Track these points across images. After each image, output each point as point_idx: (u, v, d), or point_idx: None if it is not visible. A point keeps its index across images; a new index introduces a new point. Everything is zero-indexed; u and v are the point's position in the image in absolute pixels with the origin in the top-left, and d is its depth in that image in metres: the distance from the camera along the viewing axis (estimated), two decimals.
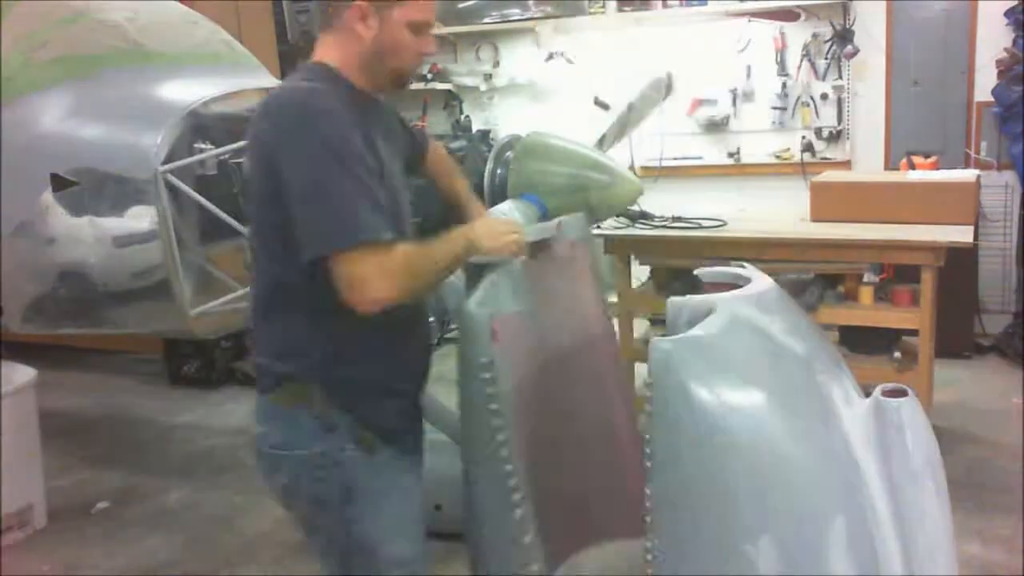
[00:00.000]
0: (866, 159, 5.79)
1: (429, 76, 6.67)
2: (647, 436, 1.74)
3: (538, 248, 1.99)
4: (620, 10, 6.10)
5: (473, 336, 1.74)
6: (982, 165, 5.38)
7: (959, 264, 4.43)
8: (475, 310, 1.78)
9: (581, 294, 2.17)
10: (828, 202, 4.15)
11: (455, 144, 2.98)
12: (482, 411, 1.73)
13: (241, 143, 3.26)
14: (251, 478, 4.22)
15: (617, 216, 4.06)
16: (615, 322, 3.35)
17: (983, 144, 5.47)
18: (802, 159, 5.88)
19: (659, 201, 4.34)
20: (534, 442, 1.79)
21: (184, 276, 3.17)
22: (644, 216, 4.21)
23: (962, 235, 3.71)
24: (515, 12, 6.40)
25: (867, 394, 1.90)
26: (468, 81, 6.66)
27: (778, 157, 5.98)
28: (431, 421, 3.55)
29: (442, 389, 5.61)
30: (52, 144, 3.34)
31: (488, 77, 6.59)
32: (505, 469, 1.71)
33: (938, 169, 5.05)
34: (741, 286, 1.98)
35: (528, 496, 1.73)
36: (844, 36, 5.62)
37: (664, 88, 3.54)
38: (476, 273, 1.86)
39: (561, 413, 1.76)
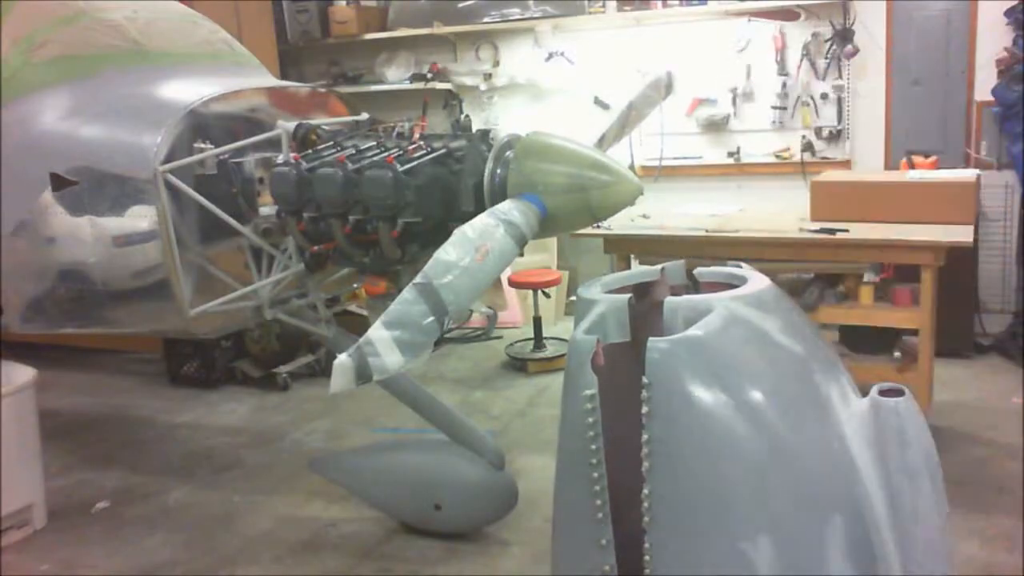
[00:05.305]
0: (866, 159, 5.79)
1: (429, 76, 6.68)
2: (645, 436, 1.75)
3: (643, 291, 2.18)
4: (620, 10, 6.11)
5: (579, 358, 1.88)
6: (982, 165, 5.38)
7: (959, 264, 4.43)
8: (581, 337, 1.92)
9: None
10: (828, 202, 4.15)
11: (455, 144, 2.96)
12: (581, 424, 1.85)
13: (241, 143, 3.27)
14: (251, 478, 4.24)
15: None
16: None
17: (983, 144, 5.47)
18: (802, 159, 5.88)
19: (659, 201, 4.33)
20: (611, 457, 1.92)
21: (184, 276, 3.17)
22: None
23: (962, 235, 3.71)
24: (515, 12, 6.41)
25: (866, 393, 1.90)
26: (468, 81, 6.67)
27: (778, 157, 5.98)
28: (429, 420, 3.58)
29: (442, 389, 5.59)
30: (52, 143, 3.34)
31: (488, 77, 6.59)
32: (593, 476, 1.84)
33: (938, 169, 5.05)
34: (738, 286, 1.99)
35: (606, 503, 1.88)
36: (844, 36, 5.62)
37: (664, 88, 3.53)
38: (586, 307, 2.04)
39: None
